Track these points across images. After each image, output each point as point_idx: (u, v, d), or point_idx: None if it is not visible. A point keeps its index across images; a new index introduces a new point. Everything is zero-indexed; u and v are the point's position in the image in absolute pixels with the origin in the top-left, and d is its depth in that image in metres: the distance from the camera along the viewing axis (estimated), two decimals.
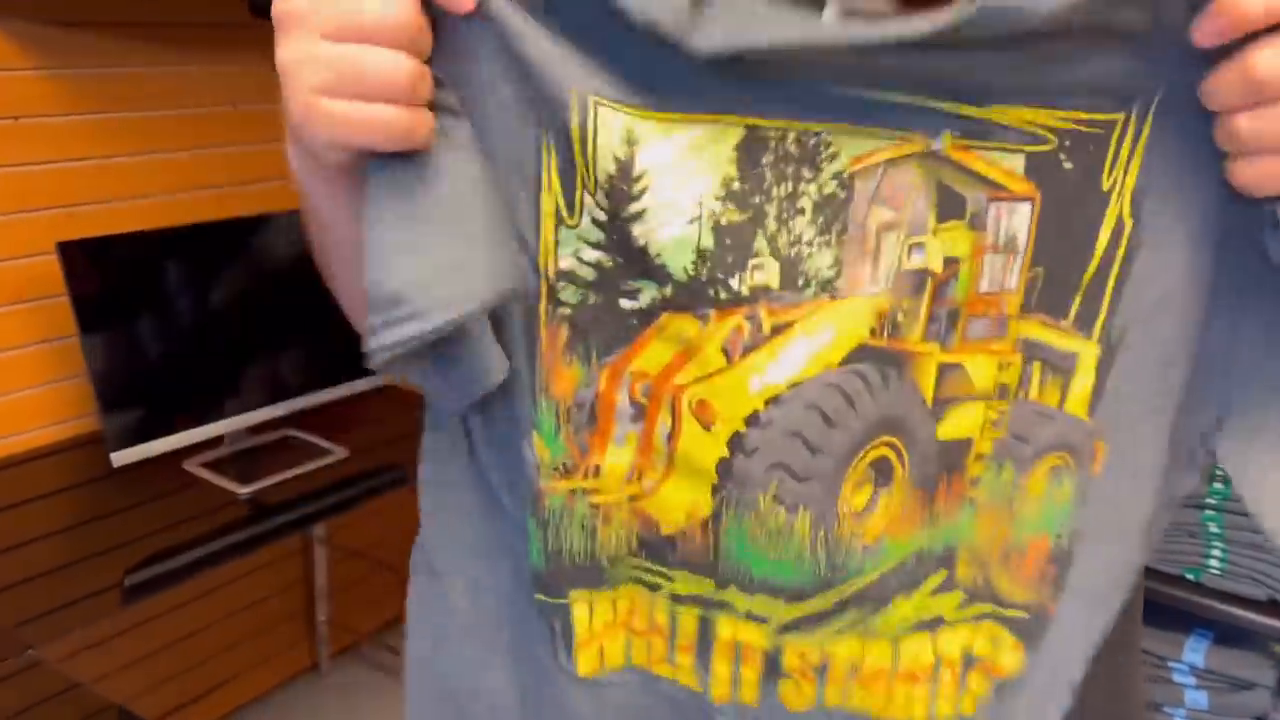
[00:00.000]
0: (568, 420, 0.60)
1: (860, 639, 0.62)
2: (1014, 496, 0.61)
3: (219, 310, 1.91)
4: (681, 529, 0.61)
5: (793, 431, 0.57)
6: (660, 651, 0.64)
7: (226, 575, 2.29)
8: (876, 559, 0.60)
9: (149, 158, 1.98)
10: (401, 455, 2.06)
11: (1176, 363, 0.58)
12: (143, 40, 1.94)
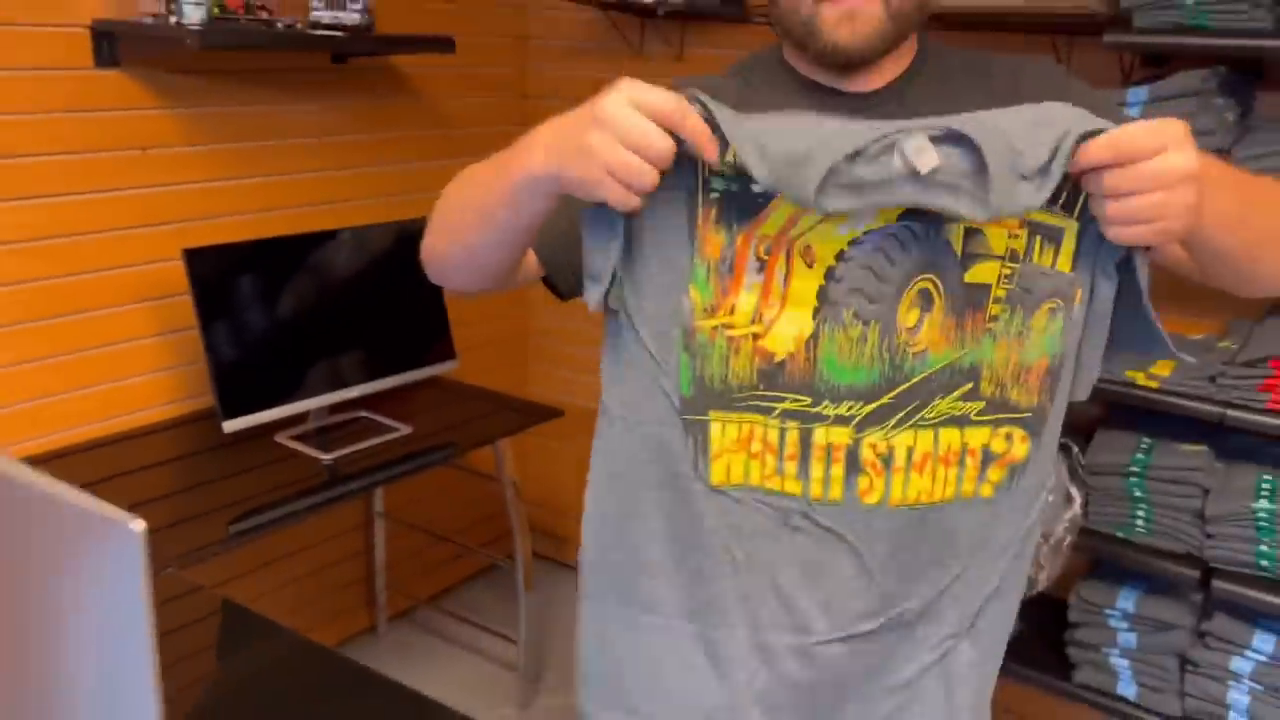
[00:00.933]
0: (714, 273, 0.92)
1: (913, 430, 0.94)
2: (1023, 331, 0.93)
3: (307, 307, 2.27)
4: (790, 353, 0.92)
5: (866, 265, 0.90)
6: (771, 467, 0.96)
7: (298, 542, 2.65)
8: (923, 365, 0.92)
9: (250, 180, 2.36)
10: (454, 434, 2.42)
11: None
12: (245, 84, 2.31)
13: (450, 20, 2.70)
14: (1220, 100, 1.83)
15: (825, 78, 1.11)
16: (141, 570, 0.85)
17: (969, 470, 0.96)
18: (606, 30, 2.77)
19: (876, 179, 0.82)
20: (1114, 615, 2.02)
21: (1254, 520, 1.83)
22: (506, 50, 2.95)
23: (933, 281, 0.91)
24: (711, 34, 2.62)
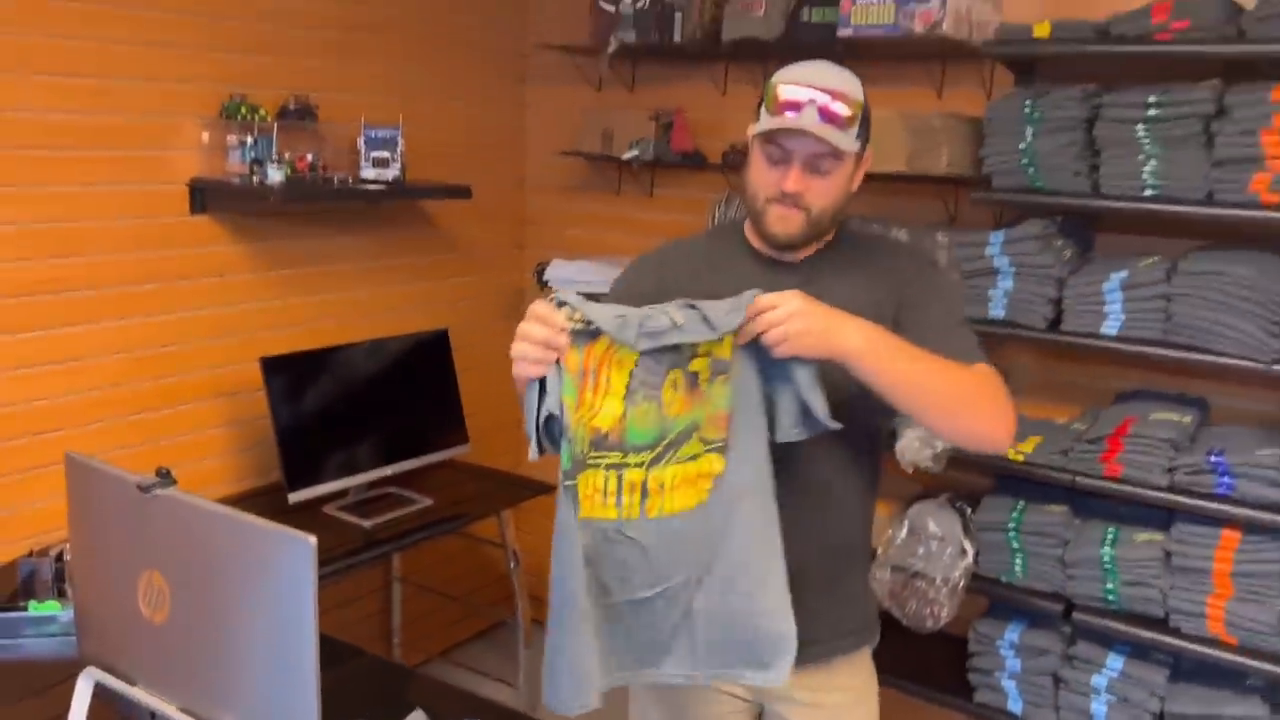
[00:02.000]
0: (575, 380, 1.43)
1: (672, 466, 1.46)
2: (711, 395, 1.46)
3: (350, 401, 2.80)
4: (611, 426, 1.44)
5: (646, 369, 1.41)
6: (599, 502, 1.47)
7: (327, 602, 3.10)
8: (676, 424, 1.45)
9: (304, 300, 2.90)
10: (466, 505, 2.91)
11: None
12: (302, 224, 2.87)
13: (464, 165, 3.29)
14: (1060, 241, 2.41)
15: (767, 251, 1.67)
16: (312, 571, 1.33)
17: (699, 485, 1.49)
18: (591, 173, 3.37)
19: (659, 329, 1.40)
20: (1003, 645, 2.51)
21: (1101, 564, 2.34)
22: (509, 189, 3.54)
23: (678, 373, 1.46)
24: (675, 178, 3.21)
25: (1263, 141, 2.08)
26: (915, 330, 1.54)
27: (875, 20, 2.39)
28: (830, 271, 1.63)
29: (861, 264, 1.65)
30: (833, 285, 1.57)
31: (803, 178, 1.56)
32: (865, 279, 1.63)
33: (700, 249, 1.76)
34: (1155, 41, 2.16)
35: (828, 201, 1.59)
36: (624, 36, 2.82)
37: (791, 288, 1.48)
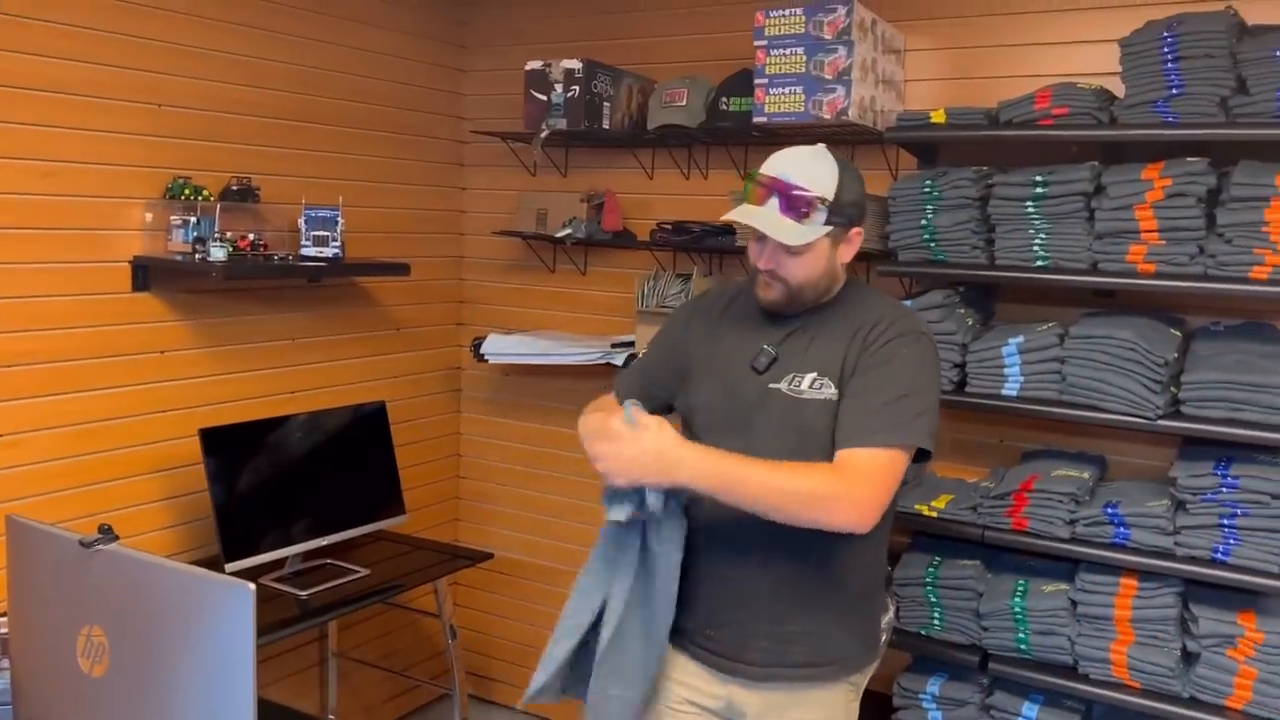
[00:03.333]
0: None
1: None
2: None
3: (287, 473, 2.85)
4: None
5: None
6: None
7: (262, 679, 3.11)
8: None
9: (246, 374, 2.97)
10: (403, 575, 2.96)
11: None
12: (241, 301, 2.95)
13: (403, 245, 3.41)
14: (962, 310, 2.58)
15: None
16: (251, 618, 1.40)
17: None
18: (526, 252, 3.51)
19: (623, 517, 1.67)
20: (925, 698, 2.61)
21: (1013, 615, 2.46)
22: (447, 267, 3.66)
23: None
24: (607, 256, 3.36)
25: (1136, 216, 2.28)
26: (848, 396, 1.77)
27: (787, 109, 2.58)
28: (817, 328, 1.86)
29: (847, 322, 1.85)
30: (815, 341, 1.84)
31: (774, 257, 1.80)
32: (843, 337, 1.83)
33: (722, 301, 2.00)
34: (1039, 126, 2.37)
35: (804, 276, 1.81)
36: (555, 124, 2.98)
37: (782, 339, 1.85)
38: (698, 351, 1.95)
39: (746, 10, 2.86)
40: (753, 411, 1.84)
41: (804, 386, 1.81)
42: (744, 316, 1.93)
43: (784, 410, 1.81)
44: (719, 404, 1.89)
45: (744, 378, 1.86)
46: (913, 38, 2.81)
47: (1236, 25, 2.25)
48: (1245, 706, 2.23)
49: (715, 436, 1.83)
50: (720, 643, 1.89)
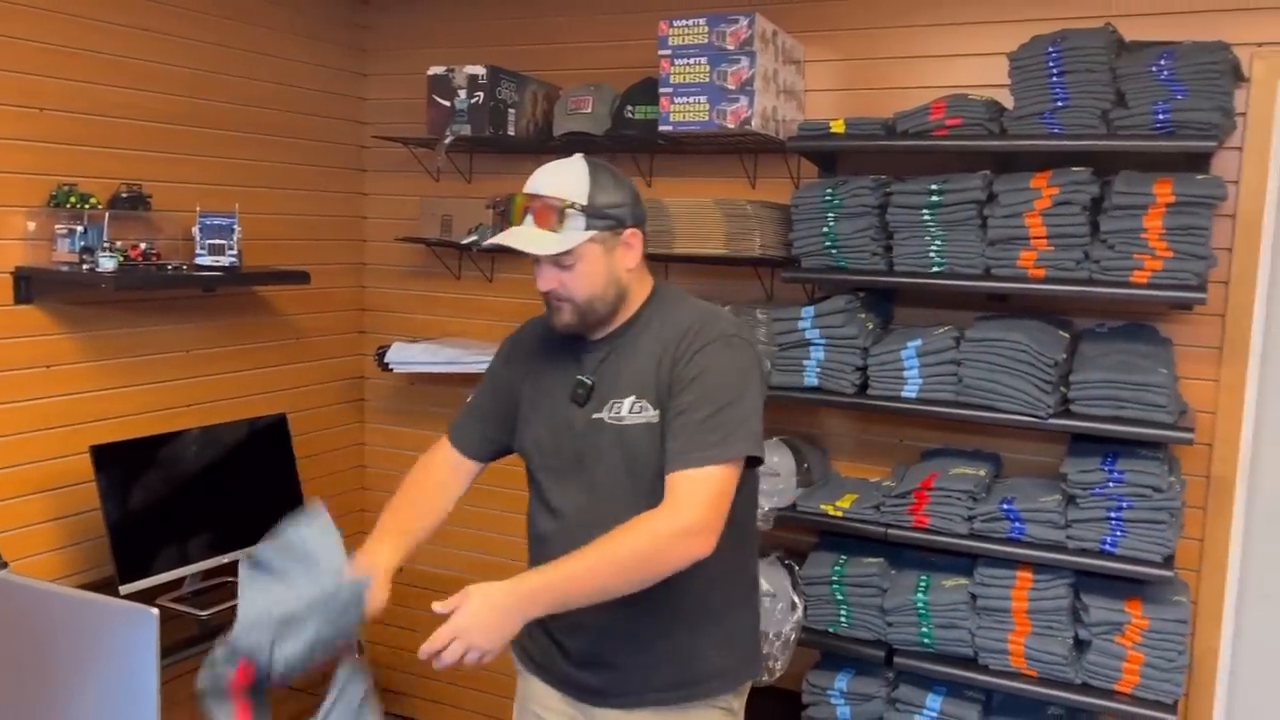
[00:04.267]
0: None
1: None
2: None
3: (184, 490, 2.75)
4: None
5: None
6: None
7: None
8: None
9: (139, 388, 2.86)
10: None
11: None
12: (131, 313, 2.84)
13: (303, 252, 3.34)
14: (863, 315, 2.65)
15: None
16: (155, 644, 1.36)
17: None
18: (430, 259, 3.46)
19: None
20: (833, 694, 2.66)
21: (916, 610, 2.54)
22: (349, 275, 3.60)
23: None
24: (514, 263, 3.34)
25: (1026, 223, 2.37)
26: (670, 417, 1.68)
27: (691, 118, 2.61)
28: (625, 348, 1.78)
29: (655, 338, 1.76)
30: (625, 364, 1.77)
31: (552, 276, 1.73)
32: (653, 353, 1.75)
33: (535, 334, 1.95)
34: (934, 137, 2.45)
35: (589, 290, 1.73)
36: (460, 130, 2.96)
37: (597, 366, 1.78)
38: (521, 390, 1.90)
39: (650, 19, 2.89)
40: (583, 446, 1.77)
41: (624, 412, 1.74)
42: (557, 348, 1.85)
43: (611, 440, 1.75)
44: (548, 443, 1.83)
45: (567, 412, 1.80)
46: (811, 49, 2.88)
47: (1115, 41, 2.37)
48: (1134, 690, 2.34)
49: (552, 477, 1.83)
50: (586, 675, 1.83)
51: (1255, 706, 2.61)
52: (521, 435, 1.89)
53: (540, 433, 1.85)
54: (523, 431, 1.88)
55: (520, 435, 1.89)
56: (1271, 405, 2.52)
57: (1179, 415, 2.33)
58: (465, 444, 1.96)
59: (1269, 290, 2.48)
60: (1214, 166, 2.41)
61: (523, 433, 1.88)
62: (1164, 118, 2.23)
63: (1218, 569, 2.55)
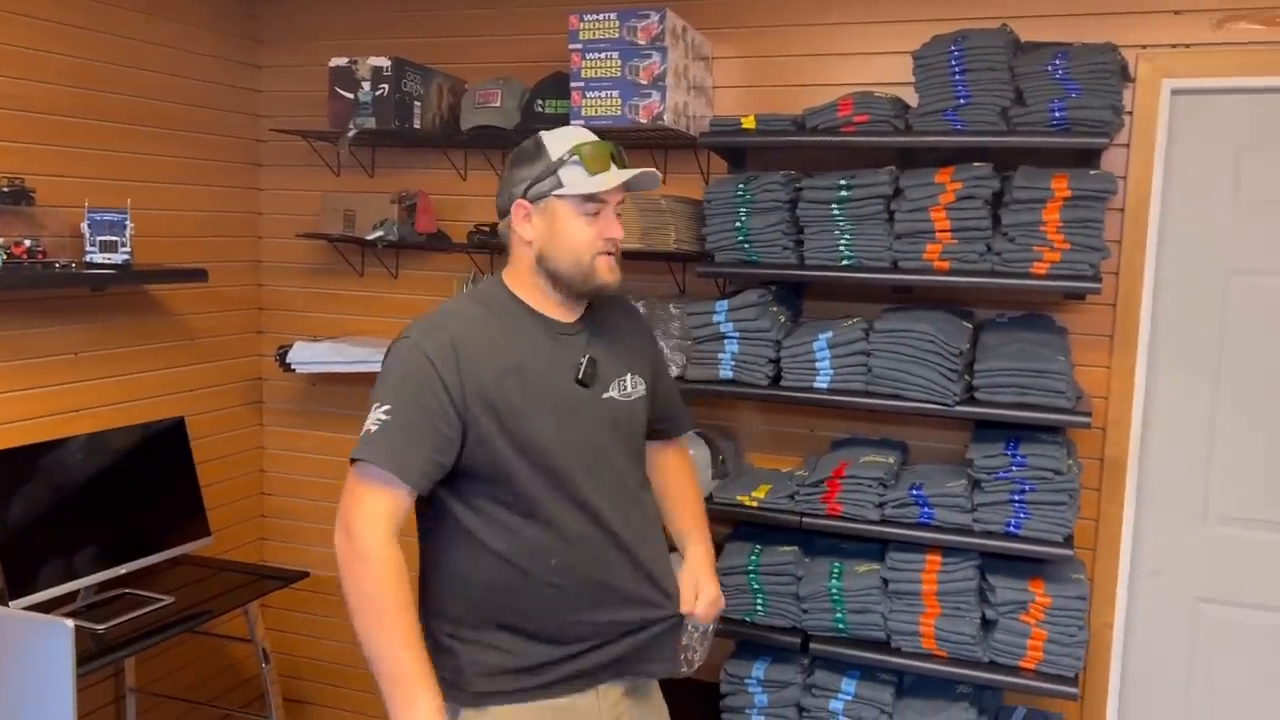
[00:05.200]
0: None
1: None
2: None
3: (76, 500, 2.62)
4: None
5: None
6: None
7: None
8: None
9: (24, 393, 2.71)
10: (210, 601, 2.78)
11: None
12: (16, 313, 2.69)
13: (199, 250, 3.21)
14: (775, 308, 2.69)
15: (551, 312, 1.79)
16: (71, 658, 1.29)
17: None
18: (332, 255, 3.38)
19: None
20: (751, 683, 2.70)
21: (830, 596, 2.58)
22: (246, 273, 3.48)
23: None
24: (420, 259, 3.29)
25: (932, 217, 2.44)
26: (666, 384, 1.99)
27: (604, 112, 2.61)
28: (603, 330, 1.85)
29: (621, 325, 1.91)
30: (609, 343, 1.84)
31: (618, 223, 1.78)
32: (628, 332, 1.91)
33: (479, 319, 1.73)
34: (842, 133, 2.50)
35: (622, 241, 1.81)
36: (364, 123, 2.89)
37: (578, 353, 1.78)
38: (497, 389, 1.68)
39: (557, 14, 2.88)
40: (600, 427, 1.77)
41: (630, 388, 1.85)
42: (528, 341, 1.74)
43: (623, 416, 1.83)
44: (570, 434, 1.73)
45: (573, 398, 1.75)
46: (719, 46, 2.91)
47: (1013, 41, 2.46)
48: (1038, 665, 2.43)
49: (576, 469, 1.72)
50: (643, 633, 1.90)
51: (1146, 675, 2.74)
52: (524, 435, 1.68)
53: (554, 423, 1.70)
54: (525, 430, 1.68)
55: (519, 436, 1.68)
56: (1159, 390, 2.66)
57: (1077, 400, 2.43)
58: (420, 479, 1.65)
59: (1155, 280, 2.61)
60: (1104, 162, 2.53)
61: (526, 431, 1.68)
62: (1060, 115, 2.33)
63: (1111, 547, 2.68)
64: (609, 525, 1.76)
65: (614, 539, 1.77)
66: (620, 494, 1.80)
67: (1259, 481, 2.60)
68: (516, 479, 1.70)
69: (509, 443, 1.68)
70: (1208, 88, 2.52)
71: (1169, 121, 2.55)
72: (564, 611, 1.75)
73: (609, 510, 1.77)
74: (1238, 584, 2.65)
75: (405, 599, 1.62)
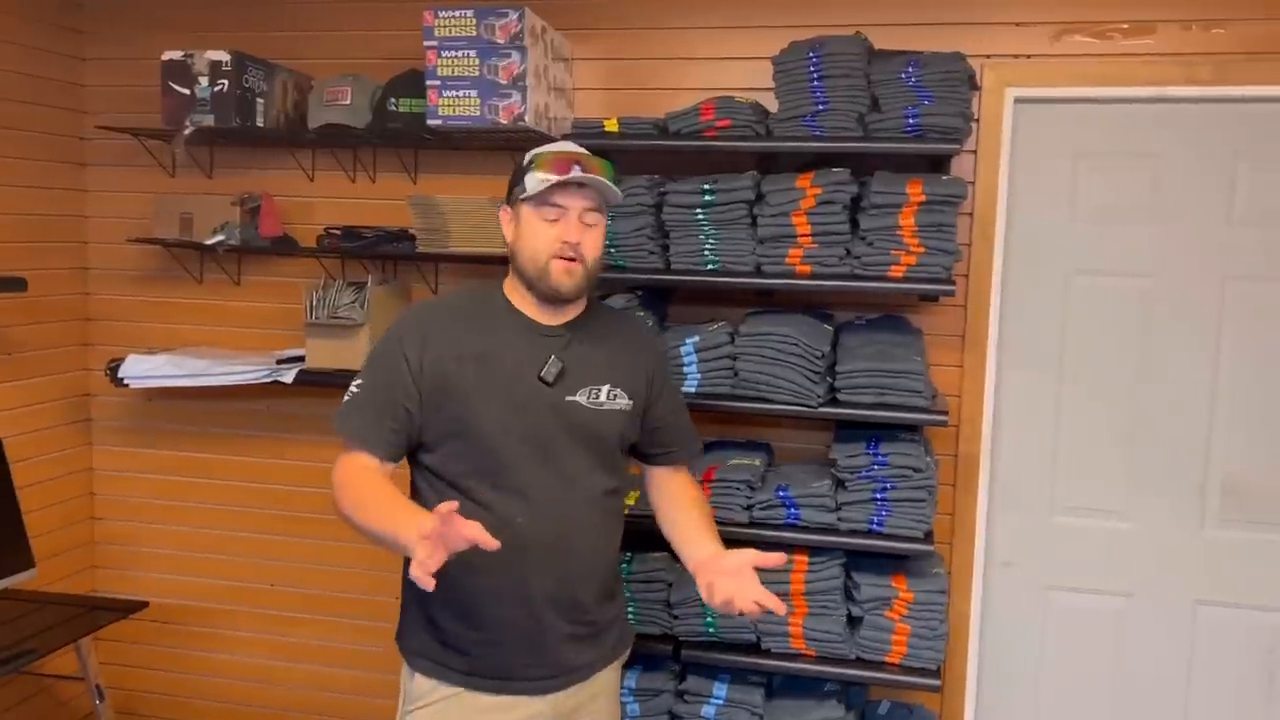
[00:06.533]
0: None
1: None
2: None
3: None
4: None
5: None
6: None
7: None
8: None
9: None
10: (36, 639, 2.55)
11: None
12: None
13: (14, 255, 2.95)
14: (642, 312, 2.66)
15: (531, 312, 1.85)
16: None
17: None
18: (168, 261, 3.16)
19: None
20: (624, 693, 2.65)
21: (699, 600, 2.56)
22: (69, 281, 3.21)
23: None
24: (265, 264, 3.11)
25: (793, 222, 2.46)
26: (669, 408, 2.04)
27: (462, 112, 2.52)
28: (590, 338, 1.89)
29: (616, 332, 1.97)
30: (593, 351, 1.88)
31: (579, 228, 1.80)
32: (624, 347, 1.95)
33: (460, 310, 1.87)
34: (704, 137, 2.50)
35: (596, 254, 1.85)
36: (202, 121, 2.71)
37: (556, 352, 1.82)
38: (455, 371, 1.80)
39: (410, 9, 2.78)
40: (553, 426, 1.82)
41: (602, 398, 1.88)
42: (500, 333, 1.84)
43: (584, 422, 1.85)
44: (516, 424, 1.80)
45: (534, 392, 1.82)
46: (578, 47, 2.86)
47: (867, 49, 2.51)
48: (902, 660, 2.49)
49: (520, 460, 1.80)
50: (572, 648, 1.96)
51: (1000, 662, 2.85)
52: (468, 420, 1.79)
53: (503, 413, 1.79)
54: (469, 417, 1.79)
55: (463, 421, 1.79)
56: (1007, 387, 2.76)
57: (933, 399, 2.50)
58: (386, 448, 1.80)
59: (1002, 281, 2.71)
60: (953, 168, 2.61)
61: (469, 418, 1.79)
62: (914, 122, 2.39)
63: (967, 540, 2.77)
64: (544, 515, 1.82)
65: (545, 534, 1.82)
66: (568, 493, 1.85)
67: (1099, 471, 2.74)
68: (457, 457, 1.80)
69: (456, 421, 1.79)
70: (1048, 96, 2.64)
71: (1012, 129, 2.65)
72: (480, 597, 1.83)
73: (545, 500, 1.83)
74: (1081, 571, 2.78)
75: (367, 484, 1.73)
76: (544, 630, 1.87)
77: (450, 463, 1.82)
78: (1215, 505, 2.68)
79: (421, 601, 1.87)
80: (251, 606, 3.24)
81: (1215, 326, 2.64)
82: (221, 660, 3.28)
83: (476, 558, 1.70)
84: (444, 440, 1.82)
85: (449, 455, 1.82)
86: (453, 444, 1.81)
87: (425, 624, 1.90)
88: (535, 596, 1.85)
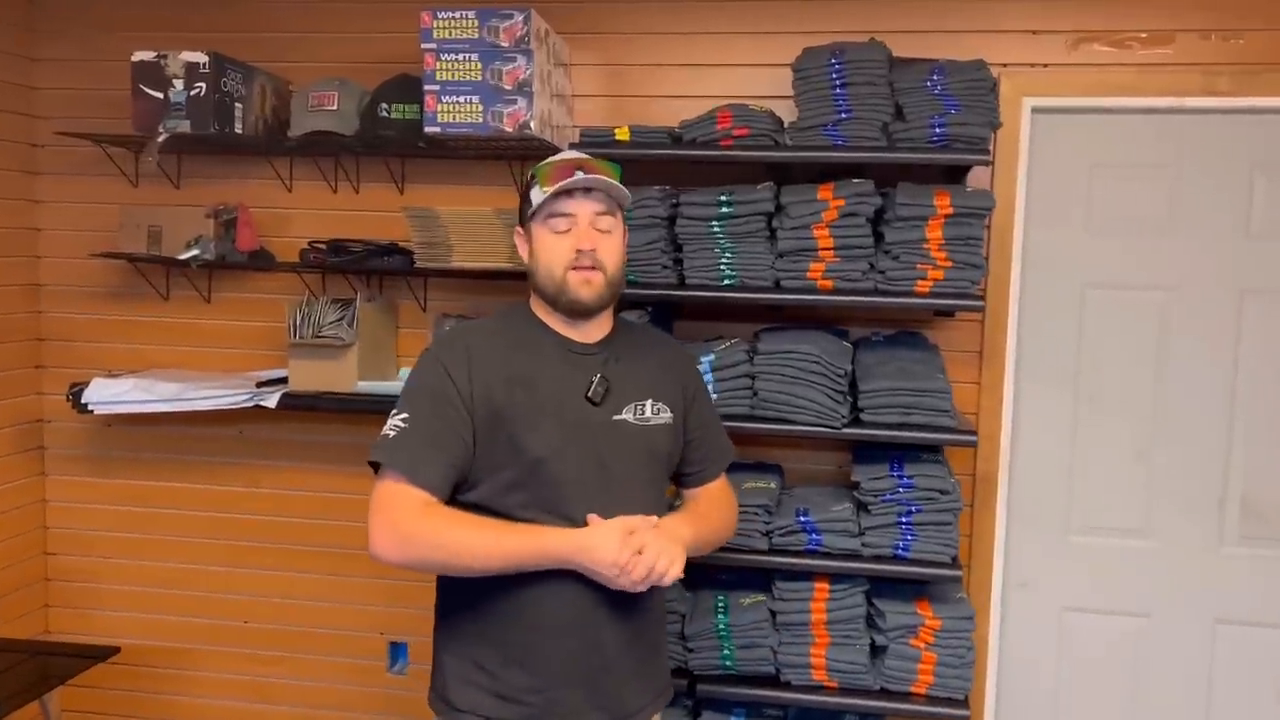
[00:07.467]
0: None
1: None
2: None
3: None
4: None
5: None
6: None
7: None
8: None
9: None
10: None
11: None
12: None
13: None
14: None
15: (563, 331, 1.77)
16: None
17: None
18: (131, 278, 2.94)
19: None
20: None
21: (717, 633, 2.45)
22: (21, 299, 2.98)
23: None
24: (239, 280, 2.92)
25: (815, 234, 2.36)
26: (701, 421, 1.92)
27: (463, 119, 2.38)
28: (626, 354, 1.82)
29: (650, 350, 1.89)
30: (632, 367, 1.80)
31: (592, 235, 1.72)
32: (660, 364, 1.87)
33: (498, 331, 1.79)
34: (720, 147, 2.38)
35: (616, 261, 1.77)
36: (177, 127, 2.51)
37: (594, 371, 1.75)
38: (504, 396, 1.70)
39: (402, 9, 2.63)
40: (604, 447, 1.74)
41: (648, 414, 1.81)
42: (538, 354, 1.76)
43: (634, 440, 1.78)
44: (571, 449, 1.71)
45: (583, 413, 1.74)
46: (576, 52, 2.73)
47: (888, 56, 2.42)
48: (929, 690, 2.39)
49: (571, 484, 1.70)
50: (620, 691, 1.85)
51: (1018, 686, 2.78)
52: (521, 447, 1.68)
53: (555, 438, 1.70)
54: (522, 443, 1.68)
55: (517, 448, 1.68)
56: (1024, 403, 2.69)
57: (957, 418, 2.41)
58: (444, 484, 1.67)
59: (1020, 295, 2.64)
60: (969, 179, 2.53)
61: (522, 445, 1.68)
62: (940, 131, 2.30)
63: (985, 562, 2.69)
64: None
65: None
66: (616, 509, 1.72)
67: (1116, 489, 2.68)
68: (512, 488, 1.70)
69: (510, 449, 1.68)
70: (1064, 106, 2.58)
71: (1030, 139, 2.59)
72: (540, 634, 1.72)
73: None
74: (1099, 591, 2.72)
75: (454, 514, 1.65)
76: (608, 667, 1.75)
77: (503, 495, 1.69)
78: (1234, 522, 2.64)
79: (466, 646, 1.74)
80: (224, 645, 3.03)
81: (1233, 341, 2.60)
82: (192, 705, 3.06)
83: (538, 590, 1.68)
84: (497, 471, 1.69)
85: (502, 487, 1.69)
86: (506, 474, 1.69)
87: (474, 671, 1.74)
88: (600, 627, 1.73)
